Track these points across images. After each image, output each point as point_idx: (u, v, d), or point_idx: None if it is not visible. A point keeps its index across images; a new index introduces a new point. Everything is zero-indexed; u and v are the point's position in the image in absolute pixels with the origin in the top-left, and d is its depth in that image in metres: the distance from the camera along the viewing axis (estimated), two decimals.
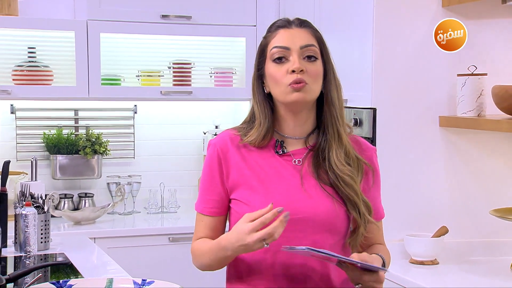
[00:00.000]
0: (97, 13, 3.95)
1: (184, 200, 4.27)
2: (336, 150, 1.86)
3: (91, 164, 4.17)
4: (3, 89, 3.83)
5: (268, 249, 1.79)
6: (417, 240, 2.96)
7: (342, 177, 1.84)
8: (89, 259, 3.05)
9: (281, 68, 1.84)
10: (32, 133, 4.17)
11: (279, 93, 1.86)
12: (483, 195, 3.13)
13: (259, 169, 1.88)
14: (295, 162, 1.90)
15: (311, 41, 1.87)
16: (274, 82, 1.86)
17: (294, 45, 1.84)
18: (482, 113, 2.99)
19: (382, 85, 3.06)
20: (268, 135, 1.90)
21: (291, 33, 1.87)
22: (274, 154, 1.90)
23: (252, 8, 4.15)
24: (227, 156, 1.90)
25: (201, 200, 1.95)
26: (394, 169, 3.05)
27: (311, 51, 1.86)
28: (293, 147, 1.91)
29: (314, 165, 1.88)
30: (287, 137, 1.92)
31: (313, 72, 1.84)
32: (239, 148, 1.91)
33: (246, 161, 1.89)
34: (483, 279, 2.75)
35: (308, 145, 1.91)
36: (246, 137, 1.90)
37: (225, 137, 1.93)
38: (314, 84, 1.85)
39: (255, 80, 1.93)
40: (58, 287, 1.86)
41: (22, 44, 4.00)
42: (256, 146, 1.90)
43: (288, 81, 1.82)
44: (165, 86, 4.15)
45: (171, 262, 3.74)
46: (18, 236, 2.99)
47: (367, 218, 1.85)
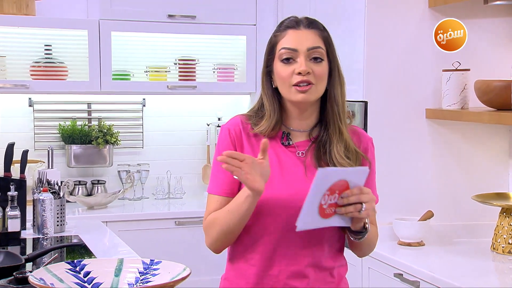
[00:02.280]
0: (108, 13, 3.94)
1: (189, 186, 4.28)
2: (336, 144, 1.86)
3: (103, 153, 4.17)
4: (21, 83, 3.83)
5: (266, 228, 1.81)
6: (405, 224, 2.97)
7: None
8: (101, 241, 3.06)
9: (288, 68, 1.83)
10: (48, 124, 4.17)
11: (285, 92, 1.85)
12: (466, 181, 3.13)
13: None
14: (299, 154, 1.89)
15: (317, 43, 1.85)
16: (281, 81, 1.85)
17: (302, 46, 1.83)
18: (466, 106, 2.99)
19: (373, 80, 3.06)
20: (277, 127, 1.89)
21: (299, 34, 1.85)
22: (280, 145, 1.90)
23: (252, 8, 4.15)
24: (240, 139, 1.89)
25: (215, 183, 1.90)
26: (384, 158, 3.04)
27: (318, 53, 1.84)
28: (297, 139, 1.91)
29: (316, 157, 1.88)
30: (292, 129, 1.91)
31: (318, 73, 1.83)
32: (249, 136, 1.90)
33: (255, 149, 1.88)
34: (465, 259, 2.75)
35: (311, 137, 1.91)
36: (257, 127, 1.89)
37: (238, 122, 1.91)
38: (319, 85, 1.84)
39: (264, 75, 1.92)
40: (73, 267, 1.86)
41: (39, 42, 4.00)
42: (264, 136, 1.89)
43: (294, 81, 1.82)
44: (172, 81, 4.15)
45: (177, 244, 3.75)
46: (36, 219, 3.00)
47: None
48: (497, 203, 2.83)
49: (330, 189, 1.71)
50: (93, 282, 1.83)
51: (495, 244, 2.82)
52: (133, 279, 1.85)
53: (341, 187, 1.73)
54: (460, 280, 2.41)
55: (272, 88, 1.90)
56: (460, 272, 2.58)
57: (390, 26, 3.04)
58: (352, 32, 3.16)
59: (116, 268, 1.88)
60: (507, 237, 2.77)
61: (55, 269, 1.83)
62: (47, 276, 1.78)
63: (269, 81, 1.90)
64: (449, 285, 2.41)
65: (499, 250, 2.79)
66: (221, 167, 1.69)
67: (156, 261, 1.89)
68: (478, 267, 2.64)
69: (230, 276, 1.94)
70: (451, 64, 2.99)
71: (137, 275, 1.86)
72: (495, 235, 2.83)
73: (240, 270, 1.90)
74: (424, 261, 2.75)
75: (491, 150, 3.16)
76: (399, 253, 2.85)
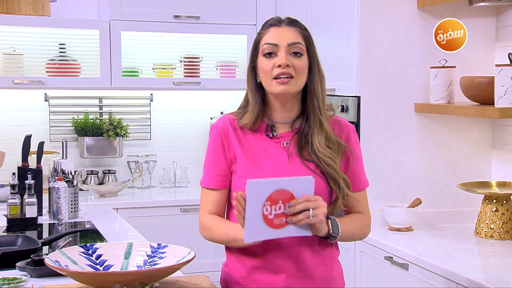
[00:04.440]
0: (118, 14, 3.93)
1: (193, 176, 4.28)
2: (317, 135, 1.86)
3: (114, 145, 4.17)
4: (38, 80, 3.83)
5: None
6: (395, 210, 2.97)
7: (323, 158, 1.83)
8: (112, 226, 3.06)
9: (269, 62, 1.84)
10: (63, 118, 4.16)
11: (267, 85, 1.86)
12: (452, 171, 3.13)
13: (252, 149, 1.88)
14: (284, 144, 1.89)
15: (297, 39, 1.85)
16: (263, 74, 1.86)
17: (282, 42, 1.83)
18: (452, 100, 2.99)
19: (366, 76, 3.05)
20: (259, 119, 1.89)
21: (280, 31, 1.85)
22: (265, 137, 1.90)
23: (252, 9, 4.14)
24: (227, 135, 1.90)
25: (207, 176, 1.93)
26: (376, 149, 3.05)
27: (297, 48, 1.84)
28: (281, 131, 1.91)
29: (298, 146, 1.88)
30: (276, 122, 1.92)
31: (298, 66, 1.83)
32: (236, 130, 1.91)
33: (241, 141, 1.89)
34: (450, 243, 2.76)
35: (294, 128, 1.91)
36: (241, 120, 1.90)
37: (225, 120, 1.93)
38: (299, 78, 1.84)
39: (249, 71, 1.93)
40: (85, 250, 1.87)
41: (54, 41, 3.99)
42: (250, 129, 1.90)
43: (275, 73, 1.82)
44: (177, 78, 4.14)
45: (183, 229, 3.75)
46: (52, 206, 3.00)
47: (346, 192, 1.85)
48: (480, 191, 2.84)
49: (270, 199, 1.67)
50: (105, 264, 1.84)
51: (478, 229, 2.82)
52: (141, 262, 1.86)
53: (284, 197, 1.69)
54: (446, 262, 2.41)
55: (256, 82, 1.91)
56: (446, 254, 2.59)
57: (382, 26, 3.04)
58: (346, 31, 3.15)
59: (126, 251, 1.89)
60: (489, 222, 2.78)
61: (69, 252, 1.83)
62: (62, 258, 1.79)
63: (254, 76, 1.91)
64: (435, 267, 2.42)
65: (482, 235, 2.80)
66: (232, 203, 1.71)
67: (163, 245, 1.90)
68: (463, 250, 2.65)
69: (229, 263, 1.94)
70: (438, 61, 2.98)
71: (145, 258, 1.87)
72: (478, 221, 2.84)
73: (237, 256, 1.90)
74: (412, 245, 2.75)
75: (475, 142, 3.16)
76: (390, 237, 2.86)
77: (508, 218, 2.76)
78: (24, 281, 1.81)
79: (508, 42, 3.04)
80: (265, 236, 1.70)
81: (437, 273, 2.40)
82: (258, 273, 1.85)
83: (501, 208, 2.76)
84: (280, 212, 1.69)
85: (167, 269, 1.73)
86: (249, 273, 1.86)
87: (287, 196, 1.69)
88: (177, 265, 1.74)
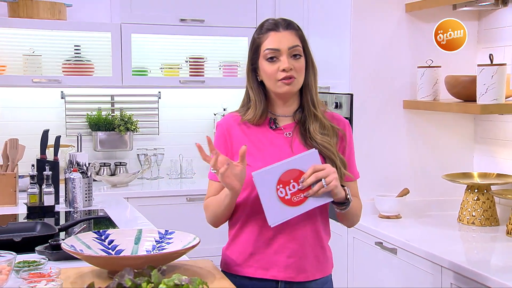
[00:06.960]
0: (128, 17, 3.93)
1: (198, 167, 4.28)
2: (312, 123, 1.88)
3: (124, 139, 4.17)
4: (55, 79, 3.83)
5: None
6: (385, 199, 2.97)
7: (320, 142, 1.86)
8: (123, 214, 3.06)
9: (273, 66, 1.86)
10: (77, 114, 4.16)
11: (272, 86, 1.88)
12: (437, 163, 3.13)
13: (256, 140, 1.89)
14: (286, 135, 1.91)
15: (295, 41, 1.87)
16: (267, 77, 1.87)
17: (283, 46, 1.85)
18: (437, 97, 2.99)
19: (358, 75, 3.05)
20: (264, 115, 1.91)
21: (279, 36, 1.86)
22: (269, 129, 1.91)
23: (253, 13, 4.13)
24: (231, 132, 1.91)
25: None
26: (367, 142, 3.05)
27: (297, 51, 1.86)
28: (283, 123, 1.93)
29: (300, 135, 1.90)
30: (278, 115, 1.93)
31: (298, 67, 1.86)
32: (240, 125, 1.92)
33: (246, 134, 1.90)
34: (436, 229, 2.76)
35: (295, 120, 1.93)
36: (245, 116, 1.92)
37: (229, 118, 1.95)
38: (299, 77, 1.87)
39: (250, 71, 1.94)
40: (99, 236, 1.87)
41: (70, 43, 3.99)
42: (254, 124, 1.91)
43: (280, 77, 1.85)
44: (183, 77, 4.14)
45: (188, 217, 3.75)
46: (67, 195, 3.01)
47: (343, 171, 1.87)
48: (463, 181, 2.84)
49: (281, 182, 1.68)
50: (116, 249, 1.84)
51: (461, 216, 2.82)
52: (150, 247, 1.86)
53: (293, 176, 1.69)
54: (431, 247, 2.42)
55: (258, 81, 1.93)
56: (432, 240, 2.59)
57: (373, 28, 3.03)
58: (340, 33, 3.15)
59: (136, 237, 1.89)
60: (471, 210, 2.78)
61: (84, 238, 1.84)
62: (77, 243, 1.79)
63: (255, 76, 1.93)
64: (422, 251, 2.42)
65: (464, 221, 2.80)
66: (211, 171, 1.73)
67: (170, 231, 1.90)
68: (447, 236, 2.65)
69: (230, 246, 1.94)
70: (425, 61, 2.98)
71: (153, 243, 1.87)
72: (461, 209, 2.84)
73: (238, 239, 1.91)
74: (401, 231, 2.75)
75: (458, 136, 3.16)
76: (380, 225, 2.86)
77: (488, 206, 2.77)
78: (43, 264, 1.81)
79: (489, 44, 3.03)
80: (287, 215, 1.70)
81: (423, 257, 2.41)
82: (260, 253, 1.86)
83: (482, 197, 2.77)
84: (295, 190, 1.70)
85: (174, 253, 1.73)
86: (251, 255, 1.87)
87: (296, 174, 1.69)
88: (183, 250, 1.74)
